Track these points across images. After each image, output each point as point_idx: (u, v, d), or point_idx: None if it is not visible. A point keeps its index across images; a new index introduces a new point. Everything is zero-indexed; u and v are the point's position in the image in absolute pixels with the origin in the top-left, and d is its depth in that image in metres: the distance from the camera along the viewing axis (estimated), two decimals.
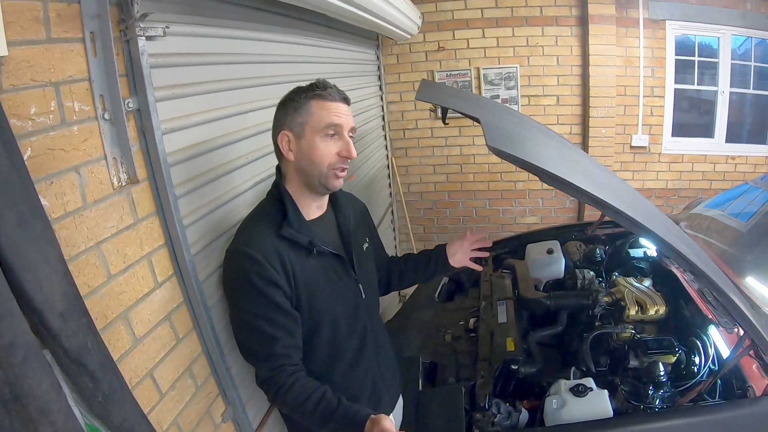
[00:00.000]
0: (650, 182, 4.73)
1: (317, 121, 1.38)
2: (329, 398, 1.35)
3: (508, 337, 2.35)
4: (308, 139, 1.39)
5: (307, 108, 1.38)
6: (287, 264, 1.38)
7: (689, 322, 2.26)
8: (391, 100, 4.70)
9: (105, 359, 1.00)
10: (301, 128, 1.39)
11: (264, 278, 1.34)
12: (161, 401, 1.42)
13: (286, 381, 1.36)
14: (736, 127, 4.65)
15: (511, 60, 4.46)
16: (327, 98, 1.40)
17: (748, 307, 1.72)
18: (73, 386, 0.95)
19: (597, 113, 4.42)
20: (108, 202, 1.22)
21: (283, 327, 1.38)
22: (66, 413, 0.85)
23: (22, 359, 0.78)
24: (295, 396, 1.36)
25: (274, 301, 1.36)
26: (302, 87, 1.42)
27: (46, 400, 0.81)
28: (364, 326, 1.64)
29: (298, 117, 1.38)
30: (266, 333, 1.36)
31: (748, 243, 2.72)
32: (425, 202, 5.13)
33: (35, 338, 0.83)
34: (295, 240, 1.40)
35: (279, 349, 1.37)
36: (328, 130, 1.39)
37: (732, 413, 1.77)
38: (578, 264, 3.02)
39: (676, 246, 1.60)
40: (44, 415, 0.81)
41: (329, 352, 1.55)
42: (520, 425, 1.97)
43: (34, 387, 0.80)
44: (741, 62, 4.46)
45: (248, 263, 1.33)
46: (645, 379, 1.95)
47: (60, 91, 1.07)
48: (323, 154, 1.40)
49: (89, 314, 0.98)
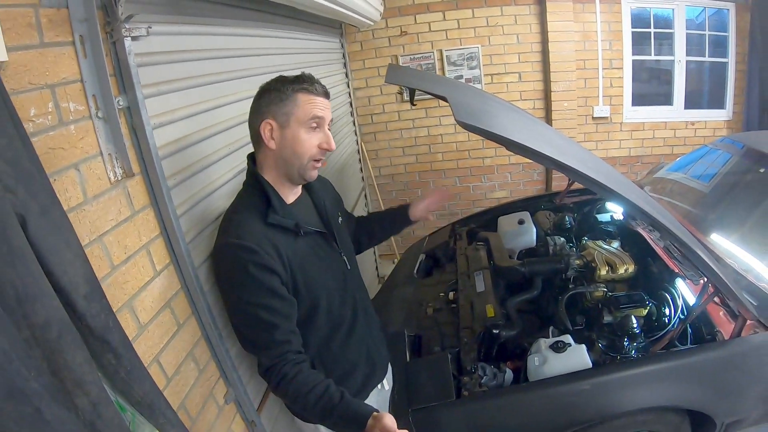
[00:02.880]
0: (613, 151, 4.89)
1: (303, 113, 1.42)
2: (332, 392, 1.37)
3: (488, 304, 2.44)
4: (293, 129, 1.42)
5: (294, 100, 1.41)
6: (280, 249, 1.41)
7: (657, 277, 2.41)
8: (357, 87, 4.74)
9: (124, 338, 1.05)
10: (286, 119, 1.42)
11: (260, 266, 1.36)
12: (168, 385, 1.46)
13: (289, 372, 1.39)
14: (694, 94, 4.84)
15: (472, 41, 4.54)
16: (313, 92, 1.43)
17: (710, 258, 1.84)
18: (98, 365, 0.99)
19: (558, 87, 4.54)
20: (106, 196, 1.26)
21: (281, 313, 1.41)
22: (98, 385, 0.90)
23: (57, 335, 0.83)
24: (298, 387, 1.38)
25: (271, 288, 1.39)
26: (287, 78, 1.44)
27: (80, 372, 0.86)
28: (354, 295, 1.71)
29: (283, 107, 1.41)
30: (265, 321, 1.38)
31: (711, 202, 2.86)
32: (397, 184, 5.20)
33: (66, 315, 0.87)
34: (282, 225, 1.44)
35: (279, 335, 1.39)
36: (312, 122, 1.43)
37: (702, 356, 1.90)
38: (549, 232, 3.14)
39: (641, 205, 1.71)
40: (79, 387, 0.86)
41: (327, 326, 1.59)
42: (506, 384, 2.07)
43: (69, 361, 0.85)
44: (696, 32, 4.63)
45: (243, 254, 1.36)
46: (619, 332, 2.08)
47: (56, 92, 1.11)
48: (307, 146, 1.45)
49: (106, 296, 1.03)
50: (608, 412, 1.88)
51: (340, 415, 1.34)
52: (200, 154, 1.71)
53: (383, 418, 1.23)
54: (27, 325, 0.79)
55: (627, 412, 1.88)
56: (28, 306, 0.79)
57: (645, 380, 1.87)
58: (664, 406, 1.91)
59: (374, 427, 1.24)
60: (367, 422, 1.27)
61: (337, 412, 1.34)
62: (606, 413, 1.88)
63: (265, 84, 1.46)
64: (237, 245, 1.37)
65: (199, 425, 1.63)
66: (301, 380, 1.38)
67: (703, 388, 1.91)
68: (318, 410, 1.37)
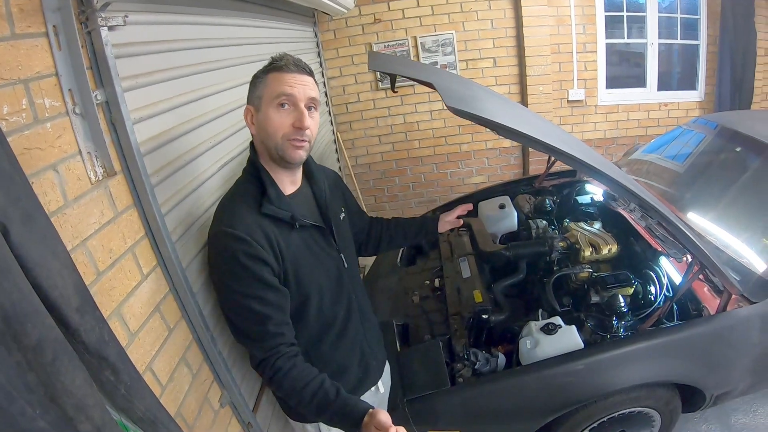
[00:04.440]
0: (589, 133, 4.93)
1: (270, 92, 1.38)
2: (327, 388, 1.35)
3: (475, 289, 2.46)
4: (264, 111, 1.39)
5: (264, 81, 1.39)
6: (273, 240, 1.37)
7: (641, 256, 2.44)
8: (331, 76, 4.68)
9: (120, 350, 0.98)
10: (258, 101, 1.40)
11: (251, 256, 1.32)
12: (163, 394, 1.40)
13: (284, 365, 1.35)
14: (666, 76, 4.91)
15: (446, 27, 4.51)
16: (283, 70, 1.38)
17: (694, 235, 1.87)
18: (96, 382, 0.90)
19: (533, 72, 4.54)
20: (88, 197, 1.19)
21: (273, 304, 1.36)
22: (101, 407, 0.83)
23: (52, 358, 0.75)
24: (293, 382, 1.35)
25: (263, 279, 1.34)
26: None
27: (81, 396, 0.79)
28: (349, 295, 1.65)
29: (256, 91, 1.40)
30: (257, 312, 1.34)
31: (686, 182, 2.91)
32: (374, 172, 5.16)
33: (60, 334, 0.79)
34: (276, 216, 1.40)
35: (271, 327, 1.35)
36: (279, 99, 1.37)
37: (690, 332, 1.94)
38: (530, 215, 3.17)
39: (626, 184, 1.72)
40: (81, 411, 0.79)
41: (318, 323, 1.54)
42: (499, 369, 2.09)
43: (68, 384, 0.77)
44: (668, 15, 4.68)
45: (234, 243, 1.32)
46: (608, 311, 2.12)
47: (30, 88, 1.04)
48: (276, 126, 1.38)
49: (98, 307, 0.96)
50: (602, 390, 1.91)
51: (336, 411, 1.32)
52: (183, 148, 1.65)
53: (378, 415, 1.23)
54: (18, 348, 0.71)
55: (620, 389, 1.91)
56: (18, 326, 0.71)
57: (636, 358, 1.90)
58: (656, 381, 1.95)
59: (370, 424, 1.24)
60: (363, 419, 1.27)
61: (332, 408, 1.32)
62: (600, 392, 1.91)
63: None
64: (227, 234, 1.33)
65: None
66: (295, 375, 1.35)
67: (692, 363, 1.96)
68: (313, 406, 1.35)
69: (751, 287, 1.98)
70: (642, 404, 2.02)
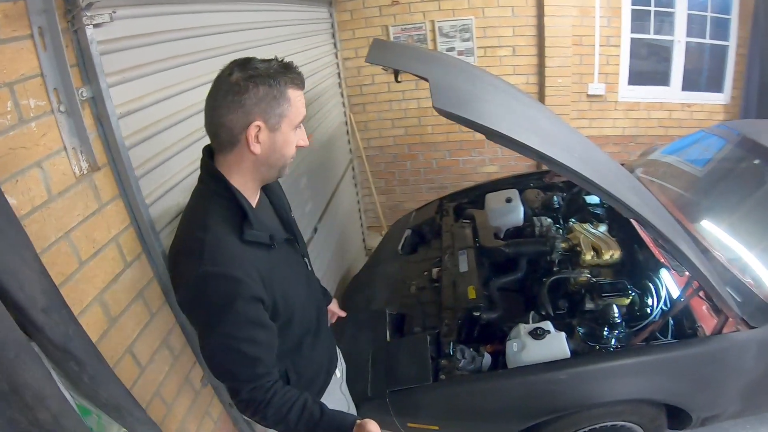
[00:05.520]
0: (607, 129, 4.80)
1: (296, 114, 1.25)
2: (311, 407, 1.29)
3: (470, 285, 2.45)
4: (284, 132, 1.24)
5: (287, 98, 1.21)
6: (261, 270, 1.26)
7: (643, 265, 2.39)
8: (346, 57, 4.62)
9: (86, 344, 1.06)
10: (278, 120, 1.22)
11: (249, 298, 1.21)
12: (142, 375, 1.47)
13: (264, 397, 1.27)
14: (692, 76, 4.70)
15: (466, 12, 4.41)
16: (300, 86, 1.26)
17: (695, 253, 1.83)
18: (61, 372, 1.01)
19: (553, 63, 4.43)
20: (72, 191, 1.24)
21: (264, 345, 1.27)
22: (59, 398, 0.92)
23: (15, 355, 0.84)
24: (276, 410, 1.28)
25: (257, 320, 1.24)
26: (270, 67, 1.21)
27: (40, 388, 0.87)
28: (316, 296, 1.63)
29: (277, 107, 1.20)
30: (248, 355, 1.23)
31: (703, 188, 2.84)
32: (385, 156, 5.12)
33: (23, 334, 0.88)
34: (258, 241, 1.27)
35: (260, 369, 1.26)
36: (301, 123, 1.29)
37: (682, 352, 1.90)
38: (536, 211, 3.13)
39: (620, 196, 1.66)
40: (40, 402, 0.87)
41: (299, 332, 1.49)
42: (484, 369, 2.09)
43: (28, 378, 0.86)
44: (698, 12, 4.47)
45: (230, 285, 1.18)
46: (600, 320, 2.09)
47: (15, 90, 1.07)
48: (293, 148, 1.29)
49: (67, 305, 1.03)
50: (584, 402, 1.90)
51: (324, 428, 1.29)
52: (170, 140, 1.66)
53: (367, 425, 1.22)
54: None
55: (603, 402, 1.90)
56: None
57: (623, 373, 1.89)
58: (641, 399, 1.93)
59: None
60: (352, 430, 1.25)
61: (320, 426, 1.29)
62: (582, 404, 1.90)
63: (240, 72, 1.18)
64: (219, 275, 1.17)
65: (176, 411, 1.65)
66: (278, 402, 1.28)
67: (681, 383, 1.93)
68: (301, 428, 1.29)
69: (751, 311, 1.92)
70: (626, 419, 2.01)
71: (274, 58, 1.24)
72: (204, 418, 1.81)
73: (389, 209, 5.33)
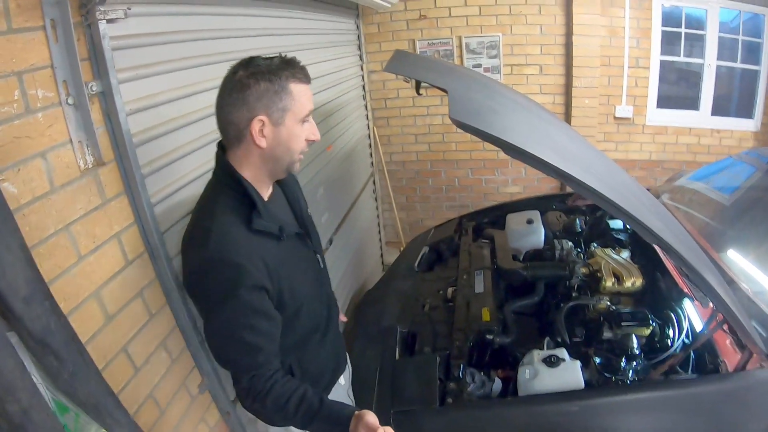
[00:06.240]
0: (634, 153, 4.72)
1: (300, 108, 1.29)
2: (310, 398, 1.30)
3: (484, 307, 2.37)
4: (288, 126, 1.28)
5: (288, 92, 1.26)
6: (267, 259, 1.29)
7: (665, 295, 2.29)
8: (372, 69, 4.63)
9: (69, 339, 1.04)
10: (281, 114, 1.27)
11: (251, 286, 1.24)
12: (136, 375, 1.45)
13: (264, 386, 1.30)
14: (722, 101, 4.58)
15: (493, 29, 4.39)
16: (303, 80, 1.30)
17: (721, 284, 1.73)
18: (39, 365, 0.99)
19: (580, 83, 4.37)
20: (75, 185, 1.24)
21: (267, 334, 1.30)
22: (31, 391, 0.90)
23: None
24: (275, 399, 1.30)
25: (260, 309, 1.28)
26: (272, 64, 1.26)
27: (11, 379, 0.86)
28: (327, 293, 1.66)
29: (279, 102, 1.25)
30: (250, 343, 1.27)
31: (730, 217, 2.73)
32: (407, 171, 5.10)
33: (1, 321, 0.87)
34: (266, 230, 1.31)
35: (261, 358, 1.30)
36: (306, 117, 1.32)
37: (703, 388, 1.79)
38: (558, 234, 3.05)
39: (644, 220, 1.57)
40: (10, 393, 0.85)
41: (306, 328, 1.52)
42: (493, 394, 2.00)
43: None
44: (729, 35, 4.37)
45: (234, 272, 1.22)
46: (618, 351, 1.99)
47: (23, 80, 1.08)
48: (301, 141, 1.33)
49: (52, 297, 1.01)
50: None
51: (322, 419, 1.29)
52: (179, 141, 1.66)
53: (365, 416, 1.21)
54: None
55: None
56: None
57: (638, 407, 1.78)
58: None
59: (357, 426, 1.22)
60: (350, 422, 1.24)
61: (318, 417, 1.29)
62: None
63: (243, 71, 1.25)
64: (223, 261, 1.22)
65: (170, 415, 1.63)
66: (277, 391, 1.30)
67: (699, 421, 1.80)
68: (299, 418, 1.31)
69: None
70: None
71: (278, 55, 1.30)
72: (199, 424, 1.79)
73: (409, 225, 5.30)
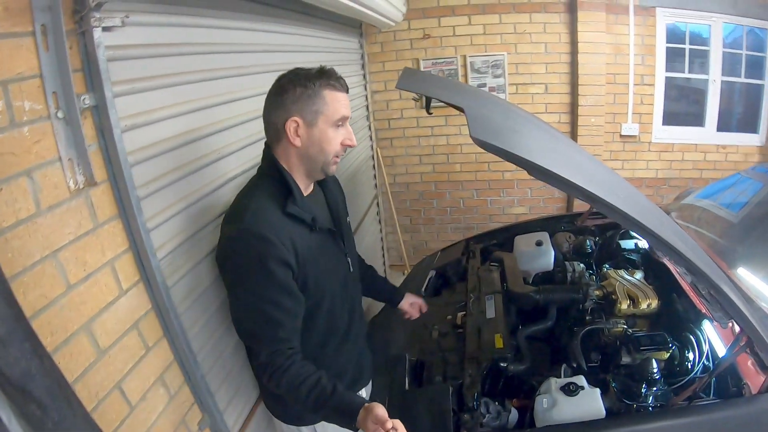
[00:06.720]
0: (640, 171, 4.67)
1: (332, 112, 1.42)
2: (324, 384, 1.37)
3: (497, 333, 2.28)
4: (321, 128, 1.42)
5: (322, 97, 1.40)
6: (295, 242, 1.40)
7: (682, 316, 2.21)
8: (375, 90, 4.60)
9: (53, 384, 0.93)
10: (314, 117, 1.40)
11: (278, 260, 1.35)
12: (131, 414, 1.36)
13: (283, 363, 1.38)
14: (727, 116, 4.56)
15: (498, 47, 4.37)
16: (338, 89, 1.43)
17: (744, 303, 1.66)
18: (21, 414, 0.88)
19: (586, 102, 4.34)
20: (64, 207, 1.14)
21: (289, 311, 1.40)
22: None
23: None
24: (291, 379, 1.37)
25: (284, 284, 1.37)
26: (310, 72, 1.41)
27: None
28: (353, 299, 1.72)
29: (312, 105, 1.39)
30: (272, 317, 1.37)
31: (739, 234, 2.68)
32: (411, 193, 5.05)
33: None
34: (299, 217, 1.42)
35: (282, 333, 1.39)
36: (339, 121, 1.44)
37: (727, 413, 1.71)
38: (568, 256, 2.97)
39: (671, 241, 1.53)
40: None
41: (326, 327, 1.60)
42: (510, 425, 1.92)
43: None
44: (732, 50, 4.37)
45: (262, 245, 1.33)
46: (638, 376, 1.91)
47: (9, 90, 1.00)
48: (334, 144, 1.45)
49: (35, 336, 0.91)
50: None
51: (333, 407, 1.35)
52: (179, 161, 1.58)
53: (375, 409, 1.25)
54: None
55: None
56: None
57: None
58: None
59: (366, 418, 1.26)
60: (359, 413, 1.29)
61: (329, 404, 1.35)
62: None
63: (285, 78, 1.42)
64: (254, 234, 1.34)
65: None
66: (294, 371, 1.38)
67: None
68: (310, 402, 1.37)
69: None
70: None
71: (318, 66, 1.44)
72: None
73: (413, 248, 5.24)
